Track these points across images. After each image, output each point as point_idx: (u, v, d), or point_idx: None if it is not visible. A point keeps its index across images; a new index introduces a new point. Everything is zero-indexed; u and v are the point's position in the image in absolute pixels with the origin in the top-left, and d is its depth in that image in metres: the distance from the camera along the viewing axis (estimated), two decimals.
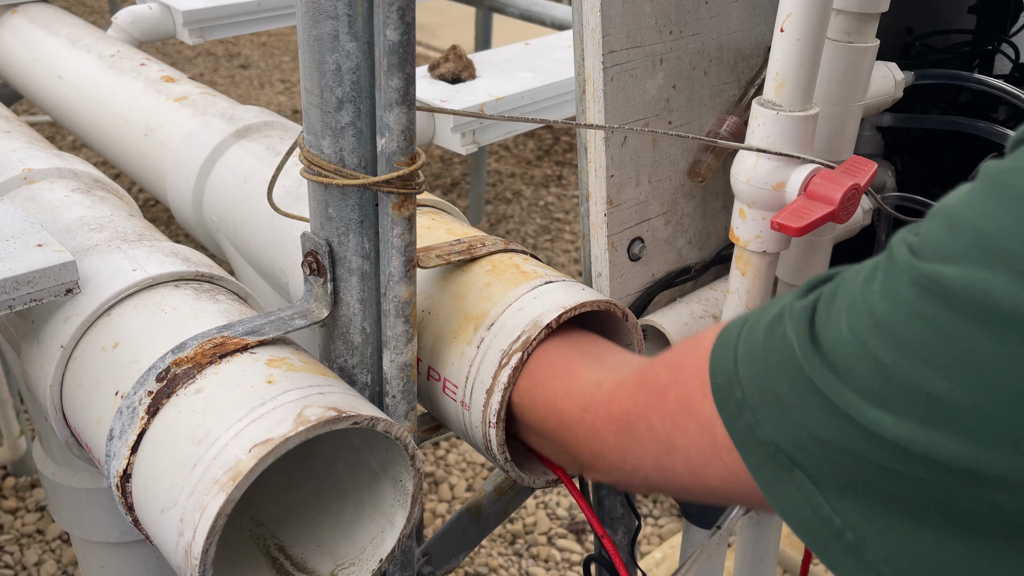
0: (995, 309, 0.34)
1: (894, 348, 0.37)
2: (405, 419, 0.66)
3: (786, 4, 0.69)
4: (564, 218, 3.01)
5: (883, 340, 0.37)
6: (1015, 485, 0.35)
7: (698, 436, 0.48)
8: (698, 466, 0.49)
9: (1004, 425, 0.34)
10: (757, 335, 0.44)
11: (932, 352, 0.35)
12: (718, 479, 0.48)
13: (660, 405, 0.52)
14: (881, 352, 0.37)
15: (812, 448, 0.40)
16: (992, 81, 0.93)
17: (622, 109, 0.77)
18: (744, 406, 0.44)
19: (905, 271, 0.37)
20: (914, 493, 0.37)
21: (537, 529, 1.91)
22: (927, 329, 0.36)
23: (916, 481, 0.37)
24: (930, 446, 0.36)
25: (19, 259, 0.65)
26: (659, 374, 0.54)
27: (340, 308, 0.63)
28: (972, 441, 0.35)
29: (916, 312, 0.36)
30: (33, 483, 1.93)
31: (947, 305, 0.35)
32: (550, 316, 0.65)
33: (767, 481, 0.43)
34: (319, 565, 0.64)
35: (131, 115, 1.18)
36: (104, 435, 0.61)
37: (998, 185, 0.35)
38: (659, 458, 0.52)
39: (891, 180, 1.02)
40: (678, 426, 0.50)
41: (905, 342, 0.36)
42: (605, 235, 0.80)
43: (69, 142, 3.05)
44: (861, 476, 0.39)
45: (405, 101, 0.55)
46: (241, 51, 4.17)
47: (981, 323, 0.34)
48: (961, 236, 0.35)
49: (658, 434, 0.52)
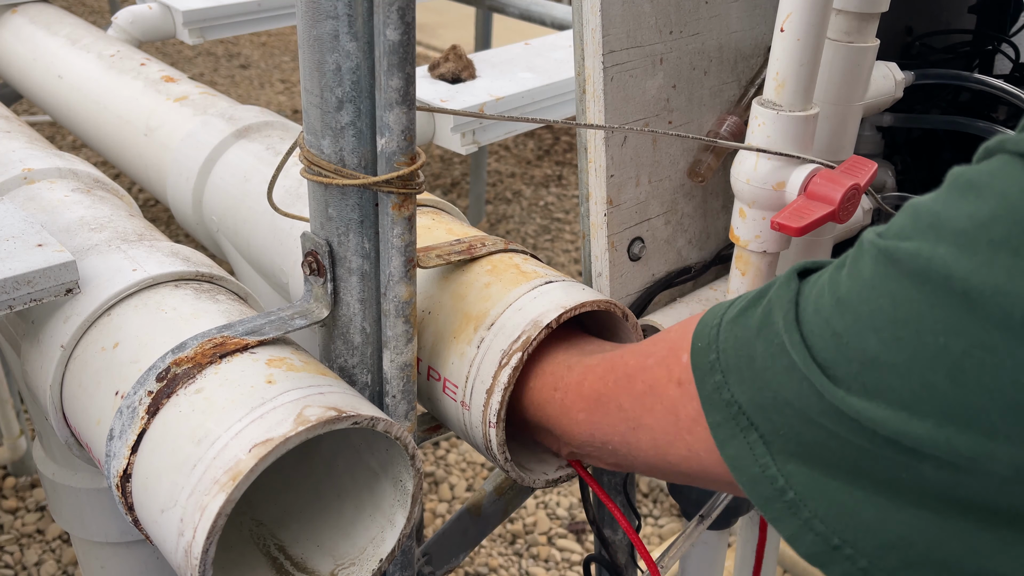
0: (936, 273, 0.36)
1: (846, 317, 0.40)
2: (405, 419, 0.66)
3: (786, 4, 0.69)
4: (564, 218, 3.01)
5: (841, 313, 0.40)
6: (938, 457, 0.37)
7: (663, 416, 0.53)
8: (661, 443, 0.53)
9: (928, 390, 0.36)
10: (743, 305, 0.47)
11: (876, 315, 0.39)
12: (679, 456, 0.52)
13: (629, 388, 0.56)
14: (838, 324, 0.40)
15: (771, 410, 0.43)
16: (992, 81, 0.93)
17: (622, 109, 0.77)
18: (716, 367, 0.47)
19: (868, 251, 0.40)
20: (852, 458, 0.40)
21: (537, 529, 1.91)
22: (875, 293, 0.39)
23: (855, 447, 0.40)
24: (865, 413, 0.38)
25: (19, 259, 0.65)
26: (628, 361, 0.58)
27: (340, 308, 0.63)
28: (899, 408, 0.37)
29: (870, 282, 0.39)
30: (33, 483, 1.93)
31: (895, 268, 0.38)
32: (550, 316, 0.65)
33: (724, 440, 0.46)
34: (319, 565, 0.64)
35: (131, 115, 1.18)
36: (104, 435, 0.61)
37: (957, 180, 0.38)
38: (626, 435, 0.57)
39: (891, 180, 1.02)
40: (645, 406, 0.54)
41: (856, 311, 0.40)
42: (605, 235, 0.80)
43: (69, 142, 3.05)
44: (811, 441, 0.42)
45: (405, 101, 0.55)
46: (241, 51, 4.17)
47: (921, 284, 0.37)
48: (919, 220, 0.39)
49: (627, 413, 0.56)
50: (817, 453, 0.41)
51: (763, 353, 0.44)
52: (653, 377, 0.54)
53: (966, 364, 0.35)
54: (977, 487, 0.36)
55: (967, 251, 0.36)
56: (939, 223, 0.37)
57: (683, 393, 0.51)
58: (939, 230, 0.37)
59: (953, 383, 0.36)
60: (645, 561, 0.69)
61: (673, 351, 0.53)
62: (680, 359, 0.51)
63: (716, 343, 0.47)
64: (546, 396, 0.65)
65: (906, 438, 0.37)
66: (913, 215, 0.39)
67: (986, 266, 0.35)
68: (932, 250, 0.37)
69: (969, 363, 0.35)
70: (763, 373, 0.44)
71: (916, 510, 0.38)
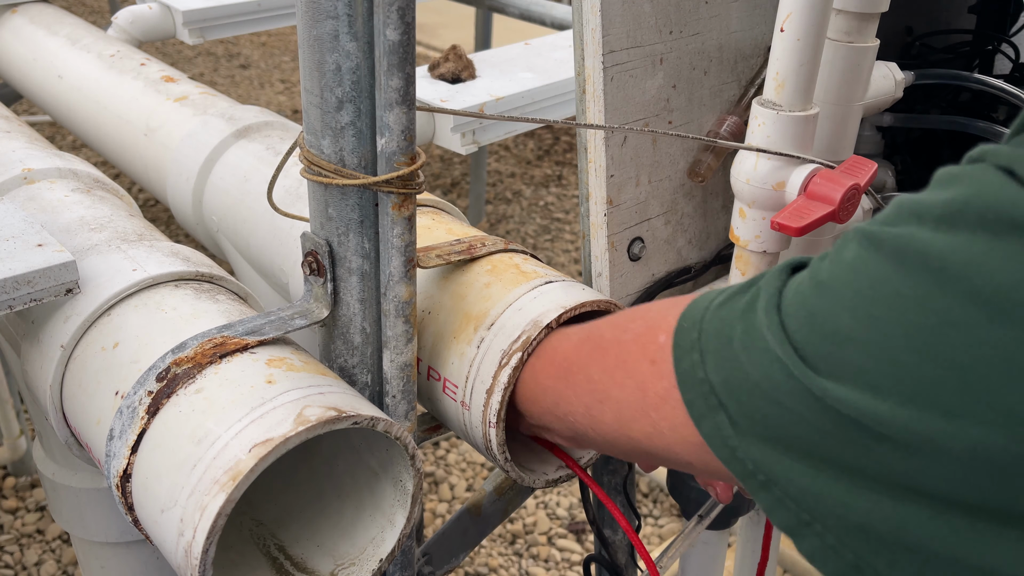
0: (915, 252, 0.37)
1: (824, 298, 0.41)
2: (405, 419, 0.66)
3: (786, 4, 0.69)
4: (564, 218, 3.01)
5: (819, 294, 0.41)
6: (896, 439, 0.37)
7: (631, 391, 0.53)
8: (626, 418, 0.54)
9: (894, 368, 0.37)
10: (732, 291, 0.48)
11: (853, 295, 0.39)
12: (641, 433, 0.53)
13: (601, 359, 0.57)
14: (815, 305, 0.41)
15: (741, 391, 0.44)
16: (992, 81, 0.93)
17: (622, 109, 0.77)
18: (696, 346, 0.48)
19: (852, 237, 0.41)
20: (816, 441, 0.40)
21: (537, 529, 1.91)
22: (854, 275, 0.40)
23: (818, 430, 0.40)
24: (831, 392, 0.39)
25: (19, 259, 0.65)
26: (604, 333, 0.59)
27: (340, 308, 0.63)
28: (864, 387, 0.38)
29: (851, 264, 0.40)
30: (33, 483, 1.93)
31: (876, 250, 0.39)
32: (550, 316, 0.65)
33: (699, 417, 0.47)
34: (319, 565, 0.64)
35: (131, 115, 1.18)
36: (104, 435, 0.61)
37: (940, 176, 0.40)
38: (590, 407, 0.57)
39: (891, 180, 1.02)
40: (615, 380, 0.55)
41: (834, 292, 0.40)
42: (605, 235, 0.80)
43: (69, 142, 3.05)
44: (777, 423, 0.42)
45: (405, 101, 0.55)
46: (241, 51, 4.17)
47: (899, 263, 0.38)
48: (903, 209, 0.40)
49: (595, 384, 0.57)
50: (783, 436, 0.42)
51: (741, 335, 0.45)
52: (627, 352, 0.54)
53: (933, 341, 0.36)
54: (935, 472, 0.37)
55: (945, 231, 0.37)
56: (921, 210, 0.39)
57: (655, 371, 0.51)
58: (920, 216, 0.38)
59: (919, 360, 0.36)
60: (645, 561, 0.69)
61: (651, 329, 0.53)
62: (657, 338, 0.52)
63: (700, 324, 0.48)
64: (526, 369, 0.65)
65: (866, 418, 0.38)
66: (897, 206, 0.40)
67: (963, 245, 0.36)
68: (912, 232, 0.38)
69: (936, 340, 0.36)
70: (738, 354, 0.44)
71: (876, 496, 0.39)
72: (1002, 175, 0.36)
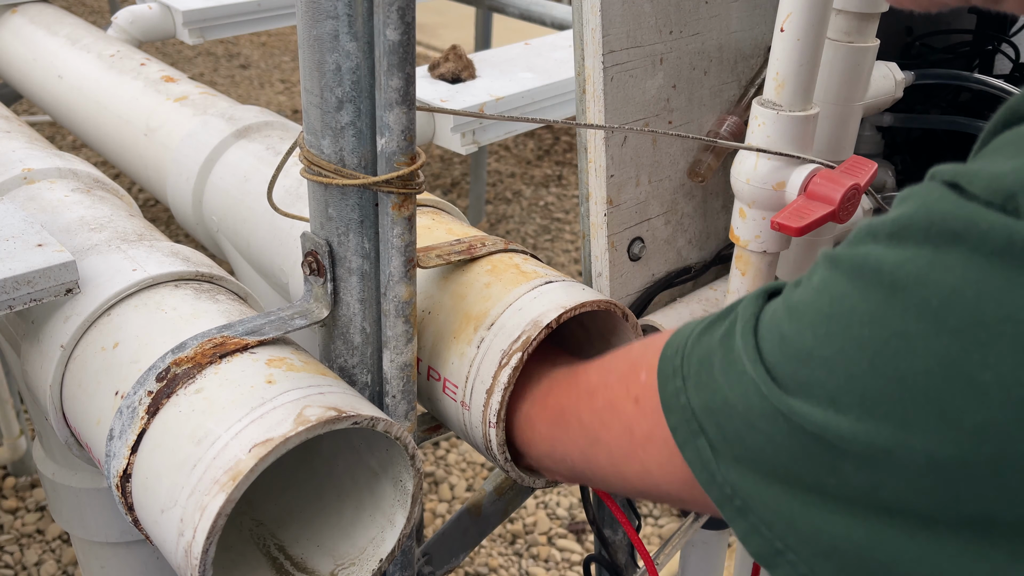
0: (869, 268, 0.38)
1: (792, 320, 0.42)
2: (405, 419, 0.66)
3: (786, 4, 0.69)
4: (564, 218, 3.01)
5: (789, 317, 0.42)
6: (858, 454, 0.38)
7: (619, 433, 0.54)
8: (618, 459, 0.55)
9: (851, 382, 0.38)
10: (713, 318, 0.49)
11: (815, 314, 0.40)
12: (633, 473, 0.54)
13: (590, 403, 0.58)
14: (785, 327, 0.42)
15: (720, 415, 0.45)
16: (992, 81, 0.93)
17: (622, 109, 0.77)
18: (679, 372, 0.48)
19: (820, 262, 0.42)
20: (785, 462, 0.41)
21: (537, 529, 1.91)
22: (817, 295, 0.41)
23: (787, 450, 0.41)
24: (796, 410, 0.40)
25: (19, 259, 0.65)
26: (591, 376, 0.60)
27: (340, 308, 0.63)
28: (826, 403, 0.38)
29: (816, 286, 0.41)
30: (33, 483, 1.93)
31: (837, 269, 0.40)
32: (550, 316, 0.65)
33: (683, 442, 0.47)
34: (319, 565, 0.64)
35: (131, 115, 1.18)
36: (104, 435, 0.61)
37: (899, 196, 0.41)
38: (585, 450, 0.58)
39: (891, 180, 1.02)
40: (604, 423, 0.56)
41: (800, 313, 0.41)
42: (605, 235, 0.80)
43: (69, 142, 3.05)
44: (752, 446, 0.43)
45: (405, 101, 0.55)
46: (241, 51, 4.17)
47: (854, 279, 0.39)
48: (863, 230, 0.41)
49: (586, 428, 0.57)
50: (758, 458, 0.42)
51: (720, 360, 0.45)
52: (613, 394, 0.55)
53: (885, 353, 0.37)
54: (895, 485, 0.37)
55: (895, 246, 0.38)
56: (875, 228, 0.40)
57: (639, 410, 0.52)
58: (875, 234, 0.40)
59: (873, 373, 0.37)
60: (645, 561, 0.69)
61: (633, 368, 0.54)
62: (639, 377, 0.52)
63: (683, 350, 0.49)
64: (519, 412, 0.66)
65: (829, 433, 0.38)
66: (859, 228, 0.42)
67: (910, 259, 0.37)
68: (868, 250, 0.39)
69: (888, 352, 0.37)
70: (718, 378, 0.45)
71: (843, 517, 0.39)
72: (945, 189, 0.37)
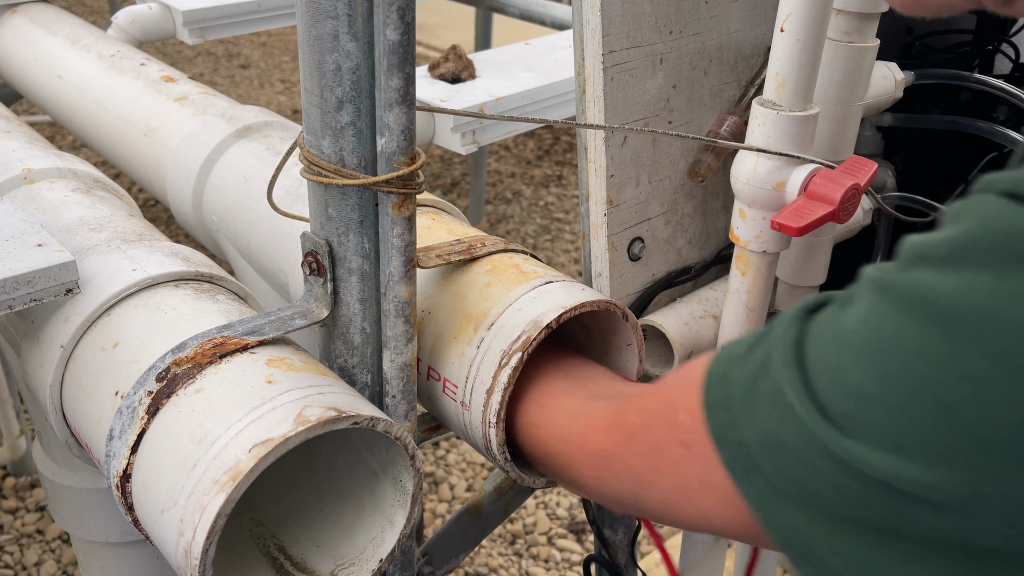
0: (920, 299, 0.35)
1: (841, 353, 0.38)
2: (405, 419, 0.66)
3: (786, 4, 0.69)
4: (564, 218, 3.01)
5: (837, 349, 0.39)
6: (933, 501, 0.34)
7: (669, 476, 0.51)
8: (669, 501, 0.52)
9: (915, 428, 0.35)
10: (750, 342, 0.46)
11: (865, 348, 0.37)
12: (687, 515, 0.51)
13: (634, 446, 0.55)
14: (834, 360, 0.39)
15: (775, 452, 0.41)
16: (992, 81, 0.93)
17: (622, 109, 0.77)
18: (726, 404, 0.45)
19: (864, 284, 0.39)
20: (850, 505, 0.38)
21: (537, 529, 1.90)
22: (865, 326, 0.38)
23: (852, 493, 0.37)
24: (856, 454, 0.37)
25: (19, 259, 0.65)
26: (632, 417, 0.57)
27: (340, 308, 0.63)
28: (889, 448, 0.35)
29: (863, 315, 0.38)
30: (33, 483, 1.93)
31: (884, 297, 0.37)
32: (550, 316, 0.65)
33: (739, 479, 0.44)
34: (319, 565, 0.64)
35: (131, 115, 1.18)
36: (104, 435, 0.61)
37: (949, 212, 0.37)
38: (635, 492, 0.55)
39: (891, 180, 1.02)
40: (651, 466, 0.53)
41: (849, 345, 0.38)
42: (605, 235, 0.80)
43: (69, 142, 3.05)
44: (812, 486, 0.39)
45: (405, 101, 0.55)
46: (241, 51, 4.17)
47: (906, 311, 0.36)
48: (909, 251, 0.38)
49: (634, 472, 0.55)
50: (819, 500, 0.39)
51: (766, 392, 0.42)
52: (658, 437, 0.52)
53: (953, 398, 0.34)
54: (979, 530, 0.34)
55: (950, 273, 0.34)
56: (925, 251, 0.37)
57: (688, 454, 0.49)
58: (926, 258, 0.36)
59: (939, 420, 0.34)
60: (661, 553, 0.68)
61: (672, 409, 0.51)
62: (679, 419, 0.50)
63: (725, 380, 0.46)
64: (550, 447, 0.64)
65: (898, 481, 0.35)
66: (905, 248, 0.38)
67: (968, 289, 0.34)
68: (918, 276, 0.36)
69: (955, 397, 0.34)
70: (765, 413, 0.42)
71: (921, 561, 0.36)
72: (1005, 201, 0.34)
